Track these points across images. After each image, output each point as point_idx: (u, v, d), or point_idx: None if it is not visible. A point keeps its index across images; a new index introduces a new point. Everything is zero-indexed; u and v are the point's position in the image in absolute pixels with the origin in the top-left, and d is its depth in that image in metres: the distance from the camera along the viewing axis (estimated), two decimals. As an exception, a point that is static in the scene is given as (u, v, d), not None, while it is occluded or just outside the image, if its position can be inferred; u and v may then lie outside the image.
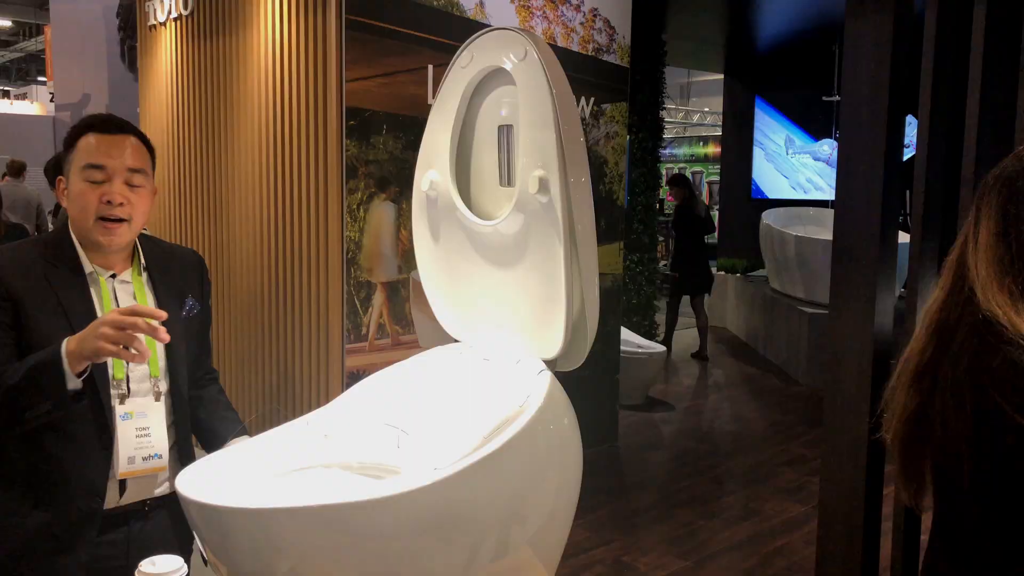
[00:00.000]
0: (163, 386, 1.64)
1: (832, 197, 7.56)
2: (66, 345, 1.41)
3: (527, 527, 1.45)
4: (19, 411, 1.44)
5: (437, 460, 1.52)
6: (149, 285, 1.66)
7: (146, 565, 1.16)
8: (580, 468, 1.59)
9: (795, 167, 9.51)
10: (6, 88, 21.71)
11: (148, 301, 1.64)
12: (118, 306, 1.59)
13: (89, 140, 1.57)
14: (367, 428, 1.66)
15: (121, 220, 1.56)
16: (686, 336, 8.38)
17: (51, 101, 12.84)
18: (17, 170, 7.59)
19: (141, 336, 1.37)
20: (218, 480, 1.38)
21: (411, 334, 3.54)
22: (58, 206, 5.47)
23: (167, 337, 1.39)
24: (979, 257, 1.08)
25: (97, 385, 1.53)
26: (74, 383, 1.41)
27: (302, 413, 1.65)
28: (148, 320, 1.37)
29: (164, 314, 1.41)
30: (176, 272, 1.72)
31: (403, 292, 3.51)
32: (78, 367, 1.41)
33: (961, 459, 1.04)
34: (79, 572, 1.54)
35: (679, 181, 7.58)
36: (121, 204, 1.55)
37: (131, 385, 1.59)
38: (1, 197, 4.46)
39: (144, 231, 1.70)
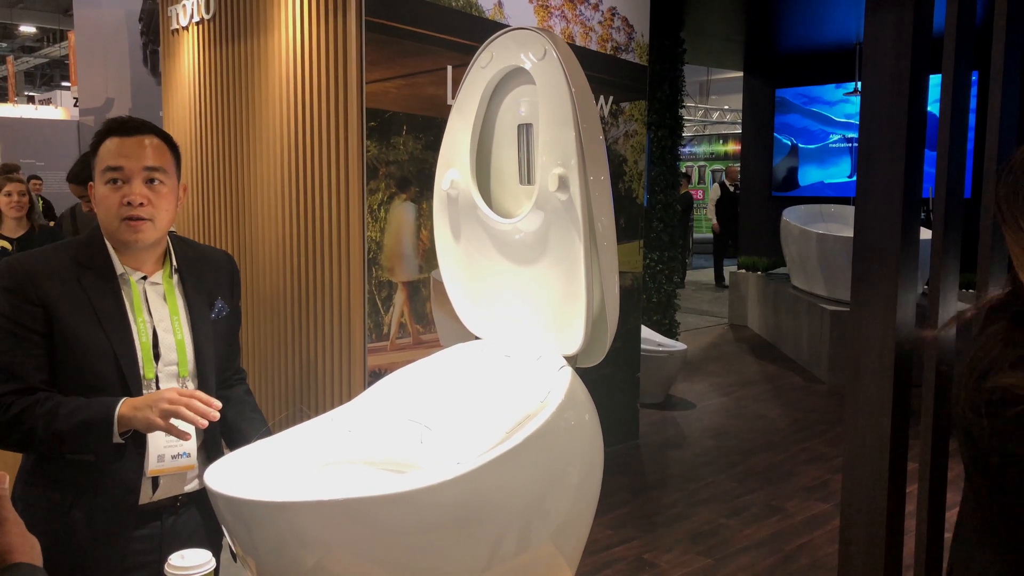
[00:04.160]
0: (191, 386, 1.65)
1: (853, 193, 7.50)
2: (120, 408, 1.49)
3: (549, 522, 1.46)
4: (63, 451, 1.55)
5: (459, 455, 1.54)
6: (179, 287, 1.67)
7: (175, 559, 1.19)
8: (601, 463, 1.59)
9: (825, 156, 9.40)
10: (31, 93, 21.99)
11: (178, 303, 1.66)
12: (148, 308, 1.62)
13: (109, 144, 1.59)
14: (390, 424, 1.68)
15: (144, 219, 1.58)
16: (704, 335, 8.35)
17: (75, 106, 12.97)
18: (9, 172, 7.65)
19: (188, 413, 1.45)
20: (245, 474, 1.41)
21: (432, 333, 3.56)
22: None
23: (216, 416, 1.48)
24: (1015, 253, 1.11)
25: (130, 386, 1.56)
26: (117, 440, 1.51)
27: (325, 411, 1.67)
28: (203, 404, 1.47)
29: (219, 404, 1.50)
30: (207, 274, 1.73)
31: (424, 291, 3.53)
32: (124, 429, 1.50)
33: (981, 438, 1.05)
34: (116, 565, 1.58)
35: None
36: (142, 204, 1.56)
37: (160, 385, 1.61)
38: (33, 202, 4.50)
39: (173, 230, 1.72)
